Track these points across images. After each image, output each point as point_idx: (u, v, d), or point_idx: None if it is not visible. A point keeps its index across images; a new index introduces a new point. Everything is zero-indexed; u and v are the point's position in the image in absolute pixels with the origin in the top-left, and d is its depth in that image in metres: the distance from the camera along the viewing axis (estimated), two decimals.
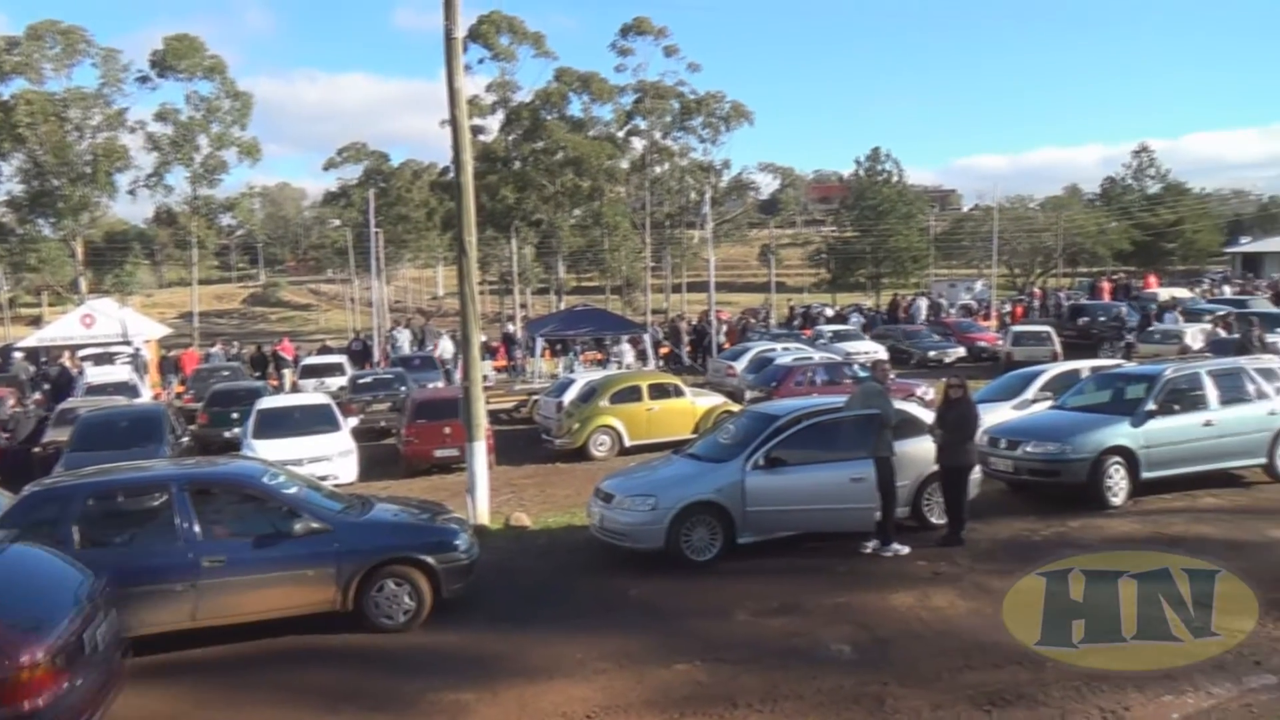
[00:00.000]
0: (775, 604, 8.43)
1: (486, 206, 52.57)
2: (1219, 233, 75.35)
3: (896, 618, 7.95)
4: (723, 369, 25.98)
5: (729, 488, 9.72)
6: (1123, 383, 12.78)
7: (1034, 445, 11.48)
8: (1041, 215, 71.98)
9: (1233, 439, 11.64)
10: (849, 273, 67.94)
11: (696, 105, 58.50)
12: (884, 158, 70.35)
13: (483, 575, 9.08)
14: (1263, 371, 12.37)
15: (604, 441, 18.24)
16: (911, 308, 41.06)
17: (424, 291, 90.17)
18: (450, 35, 11.75)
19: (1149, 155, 77.83)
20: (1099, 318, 32.87)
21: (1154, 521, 10.38)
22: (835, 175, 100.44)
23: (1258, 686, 6.31)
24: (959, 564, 9.25)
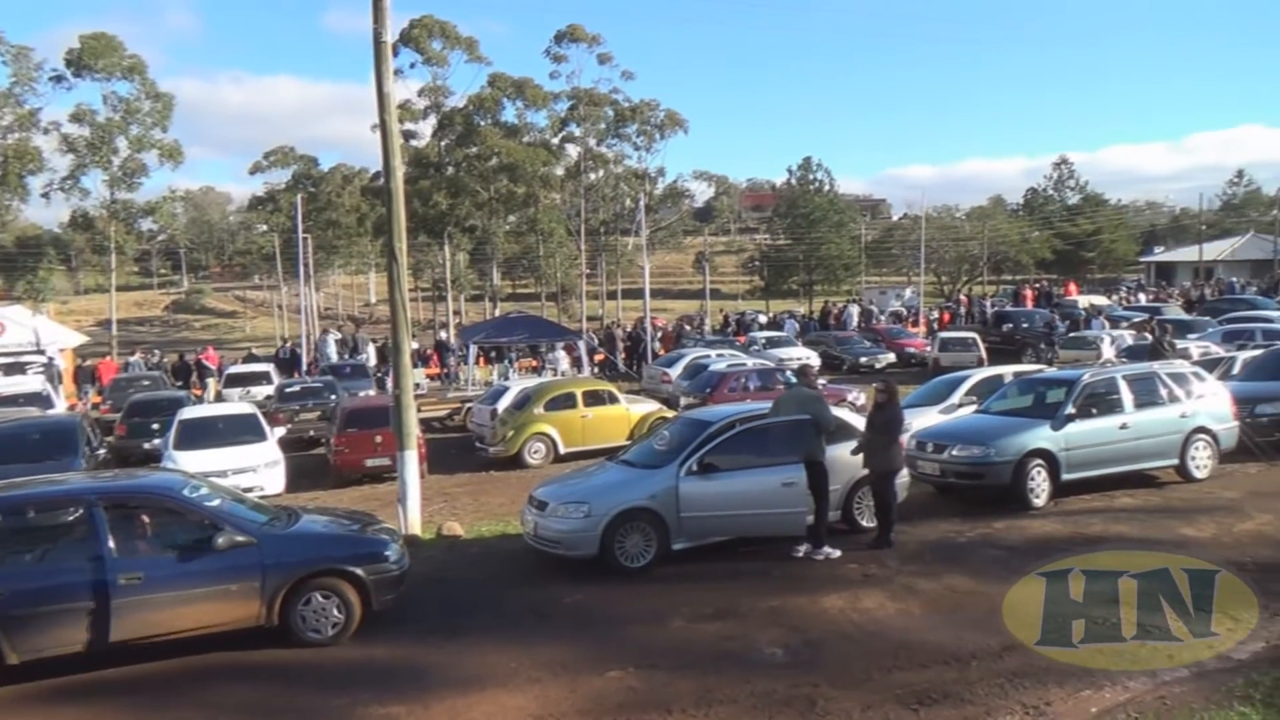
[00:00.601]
0: (709, 609, 8.46)
1: (419, 212, 52.03)
2: (1134, 242, 78.48)
3: (828, 620, 8.05)
4: (657, 376, 26.04)
5: (663, 494, 9.74)
6: (1043, 387, 13.15)
7: (959, 449, 11.76)
8: (968, 224, 74.01)
9: (1147, 441, 12.06)
10: (782, 280, 68.92)
11: (631, 113, 58.78)
12: (816, 167, 71.82)
13: (414, 586, 8.93)
14: (1175, 376, 12.86)
15: (538, 449, 18.13)
16: (843, 314, 41.69)
17: (356, 298, 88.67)
18: (379, 39, 11.57)
19: (1069, 167, 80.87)
20: (1022, 324, 33.82)
21: (1074, 522, 10.70)
22: (768, 184, 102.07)
23: (1171, 680, 6.53)
24: (888, 566, 9.41)
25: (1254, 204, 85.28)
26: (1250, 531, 9.84)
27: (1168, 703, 6.13)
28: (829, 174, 72.29)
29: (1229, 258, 60.06)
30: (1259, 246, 60.93)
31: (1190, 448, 12.23)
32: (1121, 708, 6.12)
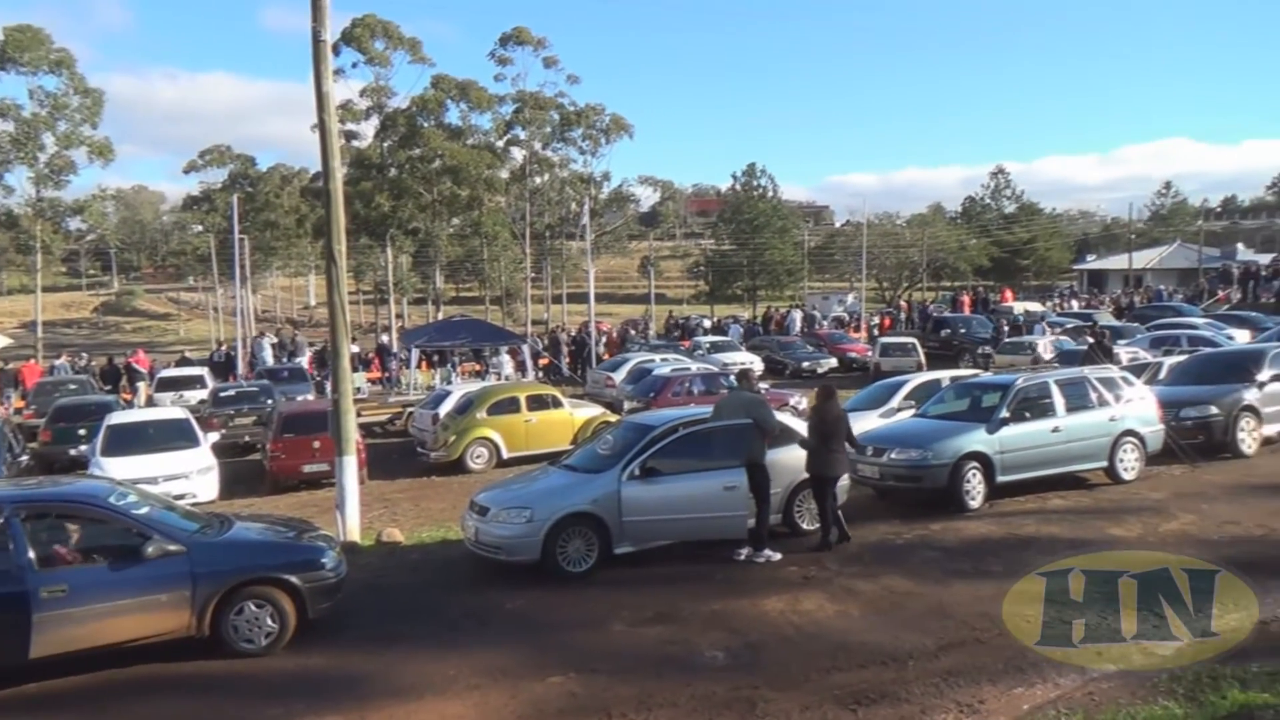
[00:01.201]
0: (651, 613, 8.46)
1: (361, 214, 51.27)
2: (1068, 250, 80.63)
3: (768, 622, 8.11)
4: (602, 380, 26.02)
5: (605, 498, 9.72)
6: (979, 392, 13.43)
7: (898, 452, 11.95)
8: (908, 232, 75.42)
9: (1078, 444, 12.38)
10: (727, 285, 69.47)
11: (576, 117, 58.66)
12: (760, 174, 72.62)
13: (352, 593, 8.78)
14: (1104, 380, 13.23)
15: (481, 454, 17.98)
16: (786, 320, 42.15)
17: (295, 301, 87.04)
18: (318, 38, 11.37)
19: (1005, 177, 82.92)
20: (960, 330, 34.54)
21: (1008, 523, 10.93)
22: (713, 189, 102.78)
23: (1099, 676, 6.70)
24: (828, 568, 9.51)
25: (1181, 215, 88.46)
26: (1175, 531, 10.15)
27: (1096, 698, 6.29)
28: (773, 180, 73.30)
29: (1157, 266, 62.09)
30: (1185, 256, 63.10)
31: (1119, 450, 12.57)
32: (1052, 704, 6.26)
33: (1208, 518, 10.55)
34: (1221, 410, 13.89)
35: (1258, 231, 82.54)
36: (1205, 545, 9.55)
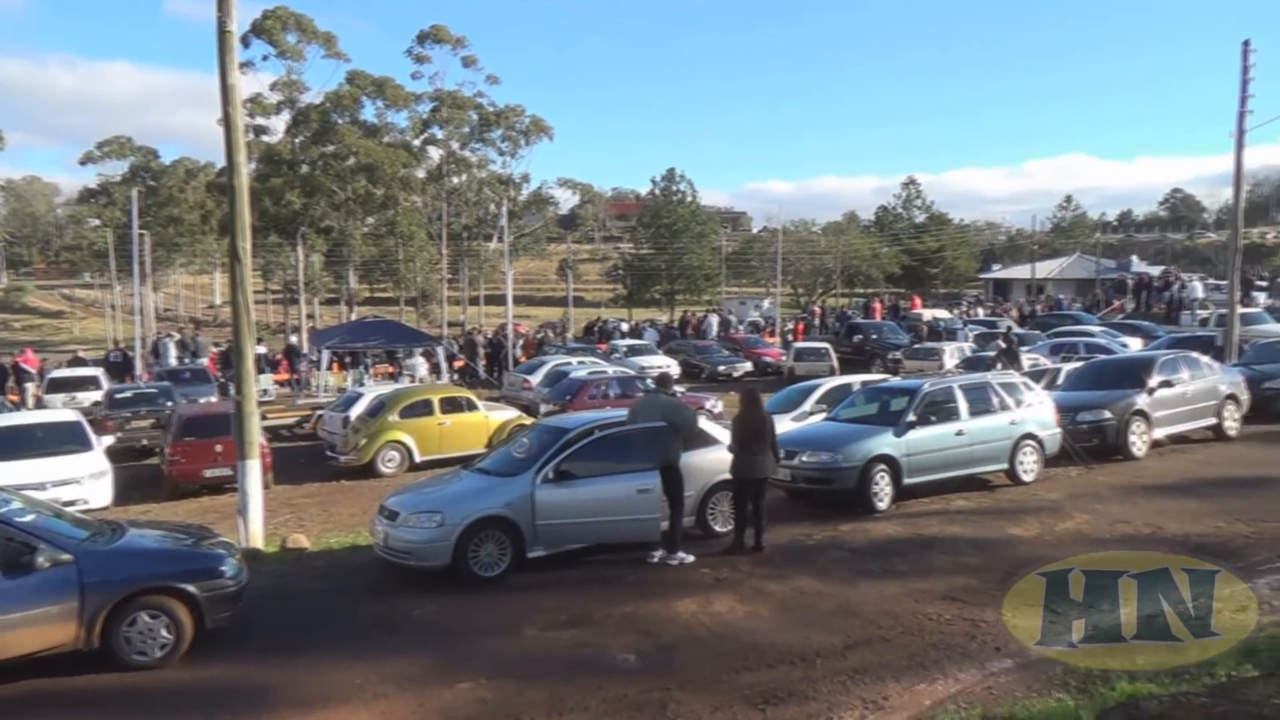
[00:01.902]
0: (563, 617, 8.41)
1: (270, 211, 49.90)
2: (975, 260, 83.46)
3: (680, 624, 8.14)
4: (518, 382, 25.81)
5: (518, 502, 9.63)
6: (887, 396, 13.75)
7: (809, 455, 12.14)
8: (823, 239, 76.95)
9: (981, 446, 12.79)
10: (645, 288, 69.70)
11: (496, 117, 58.16)
12: (679, 179, 73.04)
13: (254, 602, 8.50)
14: (1006, 385, 13.70)
15: (393, 457, 17.63)
16: (703, 324, 42.53)
17: (199, 299, 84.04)
18: (224, 28, 11.00)
19: (916, 188, 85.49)
20: (872, 336, 35.36)
21: (914, 523, 11.22)
22: (633, 194, 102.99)
23: (997, 670, 6.91)
24: (740, 570, 9.60)
25: (1080, 227, 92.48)
26: (1070, 530, 10.55)
27: (994, 692, 6.48)
28: (692, 186, 73.74)
29: (1058, 276, 64.68)
30: (1084, 266, 65.87)
31: (1019, 453, 13.01)
32: (952, 699, 6.43)
33: (1101, 517, 11.00)
34: (1114, 415, 14.52)
35: (1150, 245, 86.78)
36: (1098, 543, 9.95)
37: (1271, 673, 5.15)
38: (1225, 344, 22.00)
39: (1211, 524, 10.41)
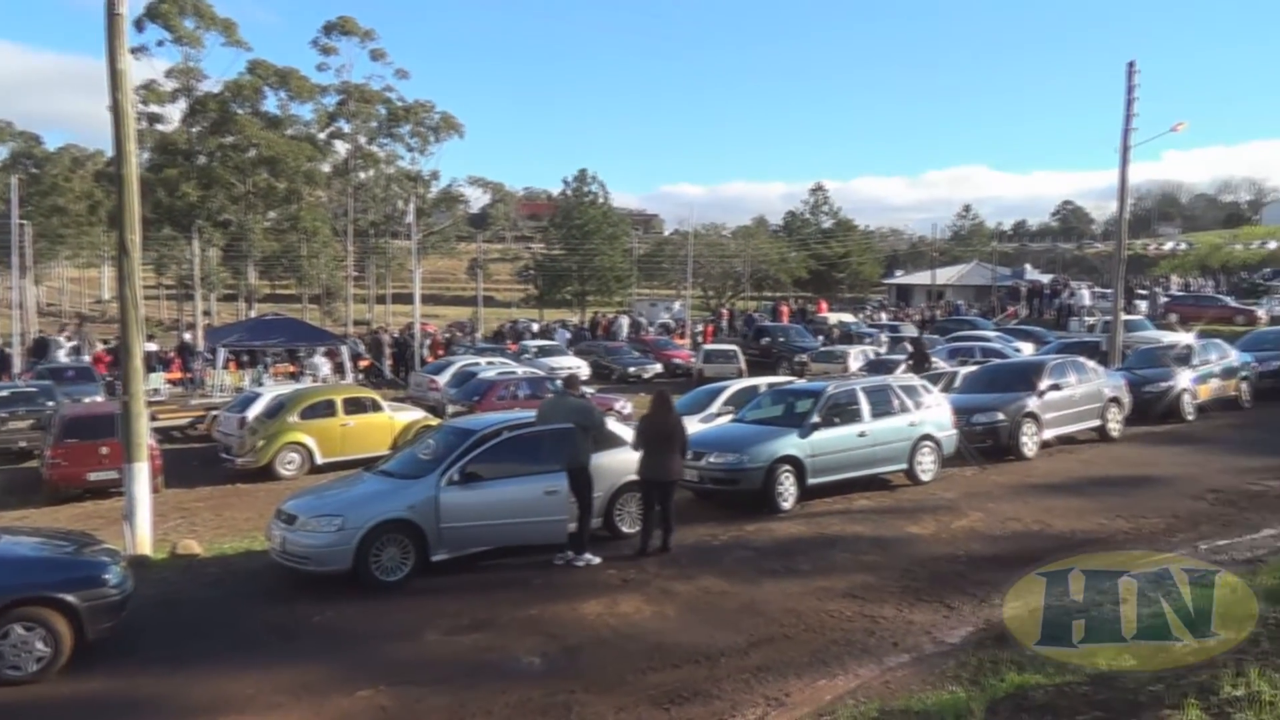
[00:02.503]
0: (467, 620, 8.28)
1: (165, 203, 47.93)
2: (879, 265, 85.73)
3: (586, 626, 8.10)
4: (425, 383, 25.40)
5: (422, 504, 9.44)
6: (793, 398, 13.99)
7: (716, 456, 12.25)
8: (733, 242, 77.94)
9: (881, 447, 13.11)
10: (556, 289, 69.36)
11: (405, 112, 57.09)
12: (591, 180, 72.93)
13: (141, 611, 8.12)
14: (906, 388, 14.10)
15: (293, 459, 17.11)
16: (613, 325, 42.61)
17: (87, 294, 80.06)
18: (113, 10, 10.50)
19: (824, 194, 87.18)
20: (779, 338, 36.00)
21: (817, 523, 11.43)
22: (545, 194, 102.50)
23: (895, 665, 7.09)
24: (646, 571, 9.62)
25: (978, 236, 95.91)
26: (965, 528, 10.91)
27: (891, 686, 6.64)
28: (604, 187, 73.74)
29: (957, 283, 66.97)
30: (981, 274, 68.34)
31: (918, 453, 13.39)
32: (852, 693, 6.55)
33: (993, 515, 11.41)
34: (1007, 416, 15.10)
35: (1043, 254, 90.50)
36: (990, 540, 10.34)
37: None
38: (1110, 349, 23.11)
39: (1095, 520, 10.90)
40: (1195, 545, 9.73)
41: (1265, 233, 75.22)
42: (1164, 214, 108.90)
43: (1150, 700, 4.43)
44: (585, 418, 10.23)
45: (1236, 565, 8.54)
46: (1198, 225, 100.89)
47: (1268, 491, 11.98)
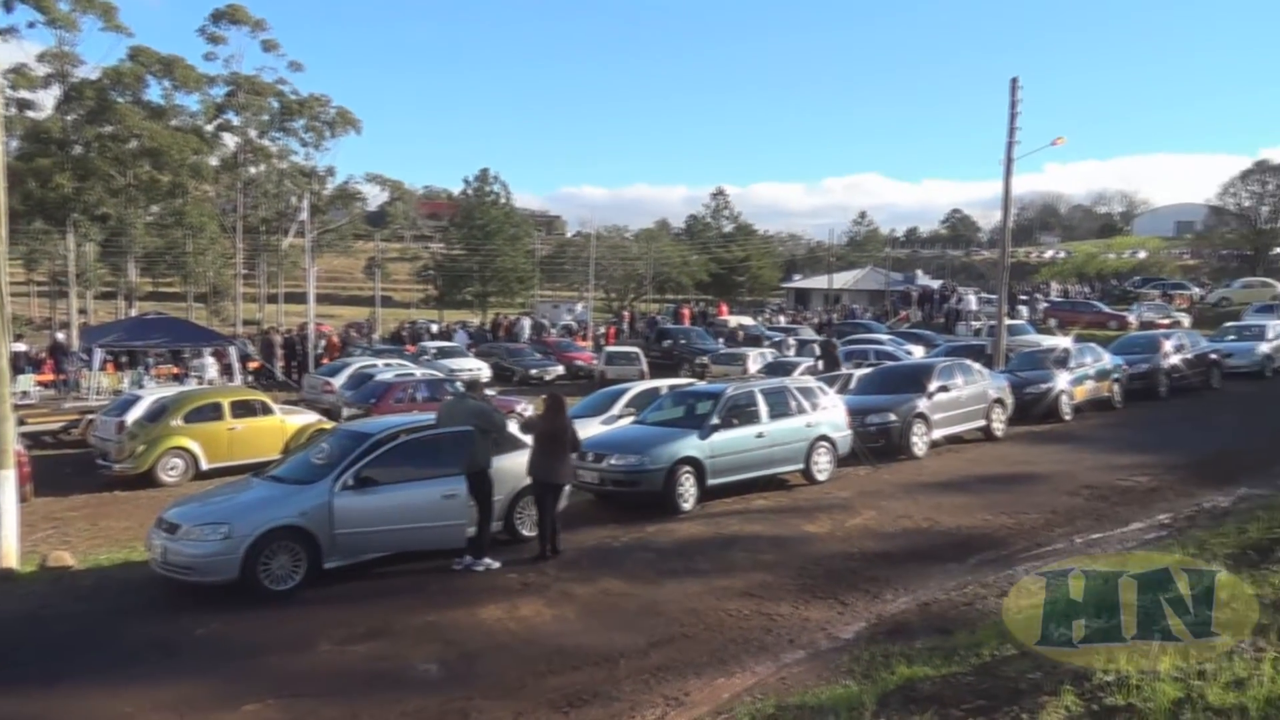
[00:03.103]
0: (362, 629, 8.07)
1: (36, 194, 45.21)
2: (778, 270, 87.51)
3: (485, 631, 8.00)
4: (319, 385, 24.64)
5: (315, 510, 9.15)
6: (693, 400, 14.12)
7: (617, 458, 12.28)
8: (635, 245, 78.27)
9: (779, 448, 13.36)
10: (457, 290, 68.37)
11: (299, 106, 55.23)
12: (493, 180, 72.15)
13: (6, 628, 7.66)
14: (803, 390, 14.40)
15: (175, 465, 16.36)
16: (515, 327, 42.26)
17: None
18: None
19: (725, 199, 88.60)
20: (681, 341, 36.32)
21: (716, 523, 11.57)
22: (445, 193, 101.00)
23: (791, 661, 7.23)
24: (547, 574, 9.56)
25: (873, 242, 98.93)
26: (859, 526, 11.22)
27: (787, 682, 6.76)
28: (506, 187, 73.00)
29: (853, 287, 68.86)
30: (875, 279, 70.41)
31: (814, 454, 13.69)
32: (749, 691, 6.65)
33: (885, 513, 11.76)
34: (899, 417, 15.59)
35: (933, 260, 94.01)
36: (882, 537, 10.65)
37: (1027, 650, 5.65)
38: (994, 352, 24.13)
39: (980, 517, 11.36)
40: (1072, 539, 10.24)
41: (1135, 242, 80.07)
42: (1045, 224, 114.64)
43: (1030, 688, 4.62)
44: (486, 421, 10.12)
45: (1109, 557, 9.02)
46: (1075, 235, 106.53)
47: (1136, 487, 12.69)
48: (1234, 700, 3.70)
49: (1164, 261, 69.74)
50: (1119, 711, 3.95)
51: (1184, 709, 3.75)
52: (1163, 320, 36.50)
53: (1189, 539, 8.71)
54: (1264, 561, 6.23)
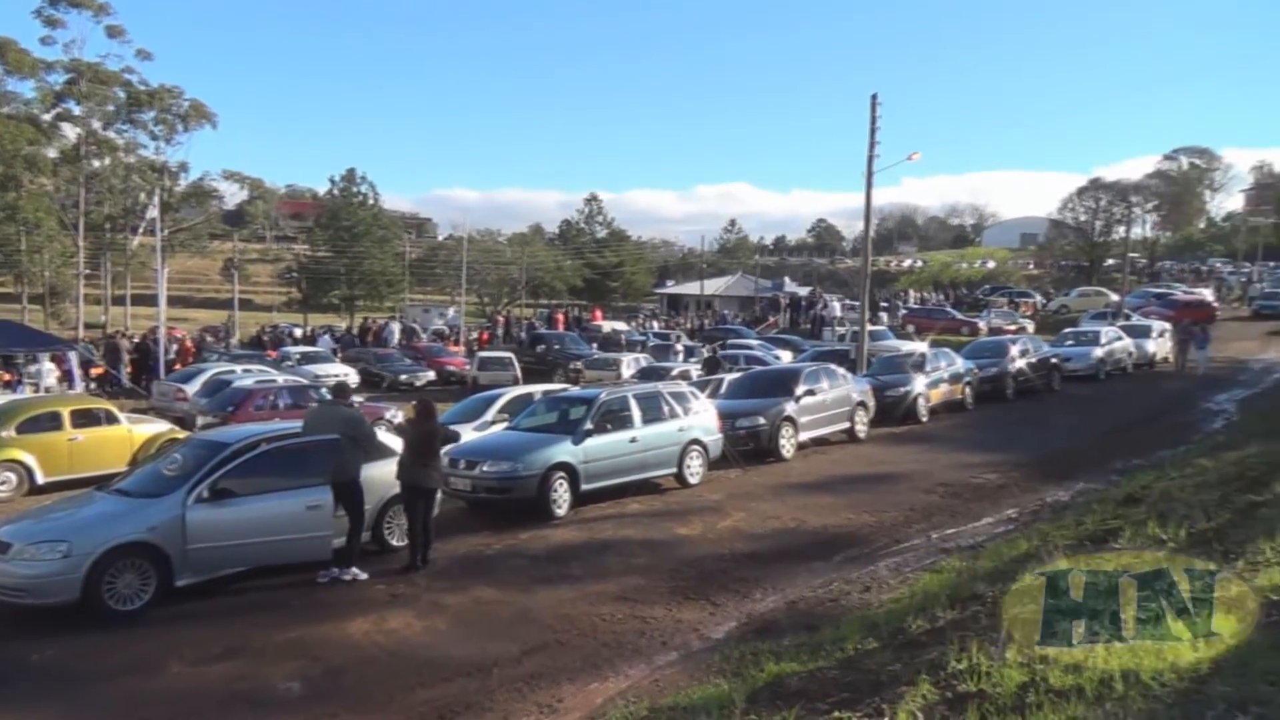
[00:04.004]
0: (218, 648, 7.67)
1: None
2: (651, 275, 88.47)
3: (351, 645, 7.74)
4: (171, 393, 23.29)
5: (165, 525, 8.65)
6: (567, 405, 14.09)
7: (490, 464, 12.13)
8: (509, 249, 77.55)
9: (652, 452, 13.47)
10: (322, 293, 66.08)
11: (148, 97, 52.19)
12: (360, 180, 70.13)
13: None
14: (675, 395, 14.58)
15: (7, 480, 15.09)
16: (384, 331, 41.14)
17: None
18: None
19: (598, 204, 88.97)
20: (554, 346, 36.19)
21: (590, 528, 11.57)
22: (310, 192, 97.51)
23: (664, 663, 7.29)
24: (417, 584, 9.34)
25: (743, 249, 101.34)
26: (729, 527, 11.43)
27: (660, 685, 6.82)
28: (374, 188, 71.07)
29: (724, 293, 70.32)
30: (745, 285, 72.16)
31: (686, 457, 13.87)
32: (623, 694, 6.67)
33: (755, 514, 12.03)
34: (767, 420, 15.98)
35: (800, 267, 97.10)
36: (752, 537, 10.89)
37: (887, 643, 5.88)
38: (857, 357, 25.10)
39: (844, 516, 11.77)
40: (929, 535, 10.75)
41: (985, 253, 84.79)
42: (903, 234, 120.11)
43: (890, 679, 4.81)
44: (354, 428, 9.81)
45: (962, 551, 9.51)
46: (931, 245, 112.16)
47: (986, 484, 13.43)
48: (1072, 682, 3.95)
49: (1011, 271, 74.31)
50: (971, 698, 4.15)
51: (1029, 692, 3.99)
52: (1009, 326, 38.77)
53: (1033, 531, 9.28)
54: (1099, 551, 6.68)
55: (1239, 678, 3.56)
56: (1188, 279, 60.40)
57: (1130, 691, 3.72)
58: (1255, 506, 6.79)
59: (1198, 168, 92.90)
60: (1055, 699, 3.81)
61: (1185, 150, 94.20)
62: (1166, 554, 5.54)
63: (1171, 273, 65.98)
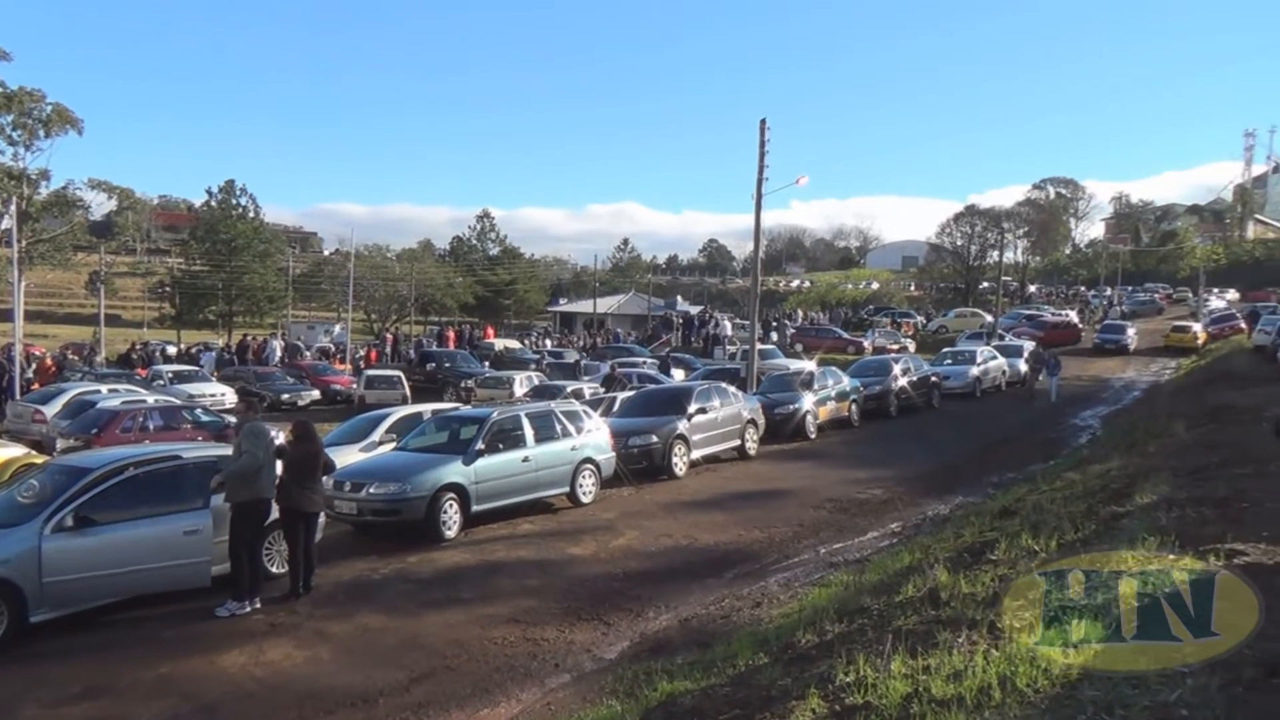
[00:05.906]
0: (78, 688, 7.17)
1: None
2: (544, 293, 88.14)
3: (226, 680, 7.35)
4: (27, 414, 21.81)
5: (19, 557, 8.04)
6: (458, 424, 13.83)
7: (377, 486, 11.77)
8: (398, 265, 75.98)
9: (545, 472, 13.34)
10: (198, 308, 63.25)
11: (5, 101, 49.02)
12: (240, 191, 67.55)
13: None
14: (568, 414, 14.49)
15: None
16: (264, 349, 39.65)
17: None
18: None
19: (490, 221, 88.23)
20: (445, 364, 35.56)
21: (481, 550, 11.36)
22: (185, 203, 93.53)
23: (556, 686, 7.20)
24: (298, 613, 8.96)
25: (635, 268, 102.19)
26: (622, 546, 11.40)
27: (553, 707, 6.73)
28: (255, 201, 68.49)
29: (617, 311, 70.63)
30: (638, 303, 72.66)
31: (579, 476, 13.79)
32: (515, 719, 6.55)
33: (648, 532, 12.04)
34: (660, 439, 16.06)
35: (692, 287, 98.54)
36: (645, 556, 10.90)
37: (778, 658, 5.95)
38: (748, 376, 25.52)
39: (735, 532, 11.91)
40: (817, 550, 10.98)
41: (869, 274, 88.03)
42: (791, 255, 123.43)
43: (780, 694, 4.86)
44: (255, 443, 9.34)
45: (849, 565, 9.75)
46: (818, 266, 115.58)
47: (872, 499, 13.82)
48: (954, 691, 4.07)
49: (893, 292, 77.22)
50: (858, 710, 4.23)
51: (912, 702, 4.08)
52: (892, 346, 40.18)
53: (916, 544, 9.58)
54: (976, 562, 6.94)
55: (1106, 682, 3.73)
56: (1056, 301, 64.04)
57: (1008, 699, 3.86)
58: (1118, 517, 7.17)
59: (1064, 197, 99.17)
60: (938, 708, 3.92)
61: (1052, 180, 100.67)
62: (1038, 564, 5.80)
63: (1040, 295, 69.79)
